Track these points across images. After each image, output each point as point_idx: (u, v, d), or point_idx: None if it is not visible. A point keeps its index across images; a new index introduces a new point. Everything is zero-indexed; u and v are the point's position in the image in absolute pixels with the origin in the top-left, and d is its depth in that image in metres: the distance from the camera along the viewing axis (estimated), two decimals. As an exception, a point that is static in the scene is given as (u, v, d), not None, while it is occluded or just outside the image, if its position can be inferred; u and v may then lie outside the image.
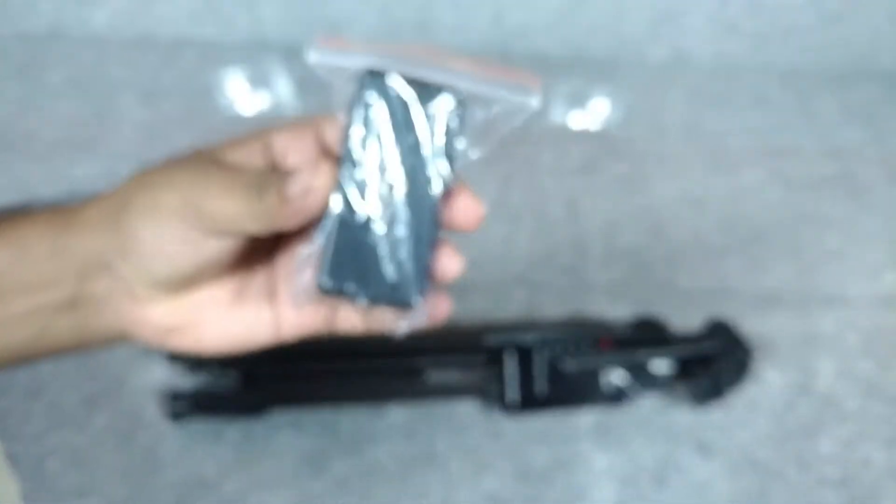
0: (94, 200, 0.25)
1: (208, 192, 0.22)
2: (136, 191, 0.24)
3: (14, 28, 0.96)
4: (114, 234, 0.24)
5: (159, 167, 0.24)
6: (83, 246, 0.24)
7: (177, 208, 0.23)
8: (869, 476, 0.57)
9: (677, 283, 0.71)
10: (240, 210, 0.22)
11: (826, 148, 0.91)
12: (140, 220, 0.23)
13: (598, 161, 0.86)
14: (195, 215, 0.22)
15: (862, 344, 0.67)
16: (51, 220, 0.24)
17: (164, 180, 0.23)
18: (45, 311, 0.24)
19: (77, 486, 0.52)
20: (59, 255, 0.24)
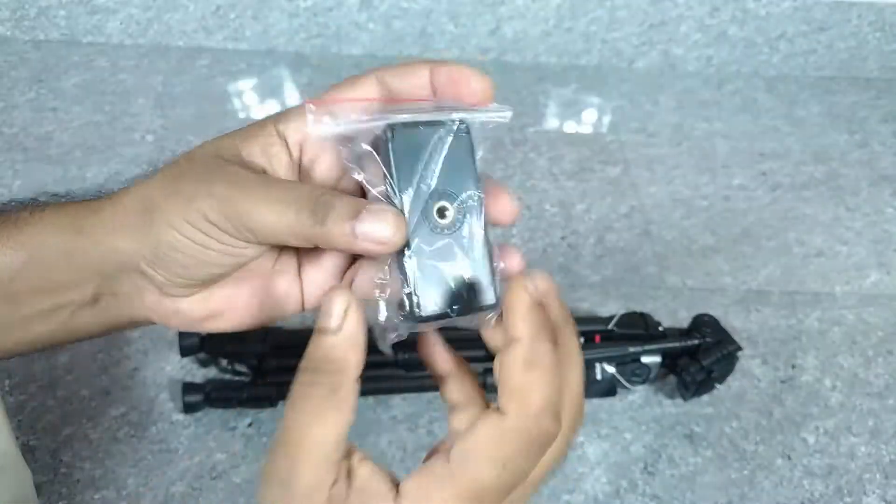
0: (111, 202, 0.23)
1: (253, 205, 0.21)
2: (167, 198, 0.22)
3: (30, 35, 0.99)
4: (142, 241, 0.22)
5: (185, 171, 0.22)
6: (104, 250, 0.23)
7: (216, 220, 0.21)
8: (854, 467, 0.59)
9: (667, 281, 0.74)
10: (290, 228, 0.21)
11: (811, 151, 0.94)
12: (173, 230, 0.21)
13: (591, 164, 0.89)
14: (235, 228, 0.21)
15: (847, 340, 0.69)
16: (66, 223, 0.23)
17: (200, 190, 0.21)
18: (66, 309, 0.24)
19: (91, 478, 0.54)
20: (78, 259, 0.23)
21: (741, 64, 1.05)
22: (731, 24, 1.01)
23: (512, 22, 1.00)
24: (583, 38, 1.02)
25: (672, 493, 0.56)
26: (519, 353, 0.20)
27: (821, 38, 1.03)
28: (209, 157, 0.22)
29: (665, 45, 1.03)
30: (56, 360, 0.61)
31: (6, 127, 0.86)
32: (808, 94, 1.03)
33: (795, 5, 1.00)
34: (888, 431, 0.62)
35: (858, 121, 0.99)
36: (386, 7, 0.98)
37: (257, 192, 0.21)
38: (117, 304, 0.24)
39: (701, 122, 0.96)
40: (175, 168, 0.23)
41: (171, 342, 0.62)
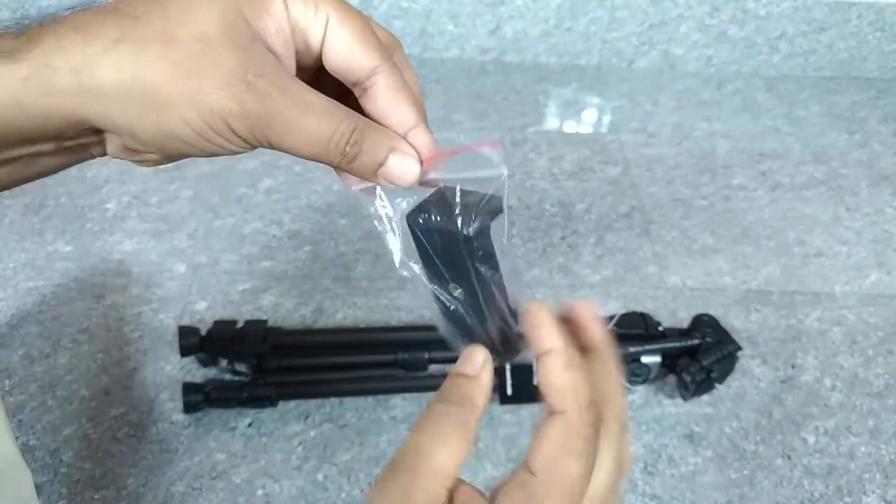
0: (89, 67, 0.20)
1: (286, 133, 0.20)
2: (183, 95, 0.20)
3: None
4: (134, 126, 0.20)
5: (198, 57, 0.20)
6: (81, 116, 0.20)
7: (242, 132, 0.20)
8: (854, 467, 0.59)
9: (667, 281, 0.74)
10: (316, 157, 0.21)
11: (811, 151, 0.94)
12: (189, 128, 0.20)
13: (591, 164, 0.89)
14: (259, 141, 0.21)
15: (847, 340, 0.69)
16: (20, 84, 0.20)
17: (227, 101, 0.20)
18: (23, 159, 0.22)
19: (91, 477, 0.54)
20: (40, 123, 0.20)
21: (741, 64, 1.05)
22: (731, 24, 1.01)
23: (512, 22, 1.00)
24: (583, 38, 1.02)
25: (672, 493, 0.56)
26: (558, 358, 0.22)
27: (821, 38, 1.03)
28: (228, 37, 0.20)
29: (665, 45, 1.03)
30: (56, 360, 0.61)
31: (6, 127, 0.85)
32: (808, 94, 1.03)
33: (795, 5, 1.00)
34: (888, 431, 0.62)
35: (858, 121, 0.99)
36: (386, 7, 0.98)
37: (291, 120, 0.20)
38: (81, 149, 0.23)
39: (701, 122, 0.96)
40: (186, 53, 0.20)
41: (171, 342, 0.62)
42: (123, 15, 0.20)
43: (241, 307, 0.67)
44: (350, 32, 0.21)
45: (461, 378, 0.23)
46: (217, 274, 0.70)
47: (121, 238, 0.74)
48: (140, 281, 0.69)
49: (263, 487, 0.54)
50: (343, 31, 0.21)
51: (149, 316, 0.66)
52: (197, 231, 0.75)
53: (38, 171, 0.23)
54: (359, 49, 0.22)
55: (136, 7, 0.20)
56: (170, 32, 0.20)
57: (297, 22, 0.21)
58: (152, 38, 0.20)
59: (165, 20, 0.20)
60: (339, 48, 0.22)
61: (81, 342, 0.63)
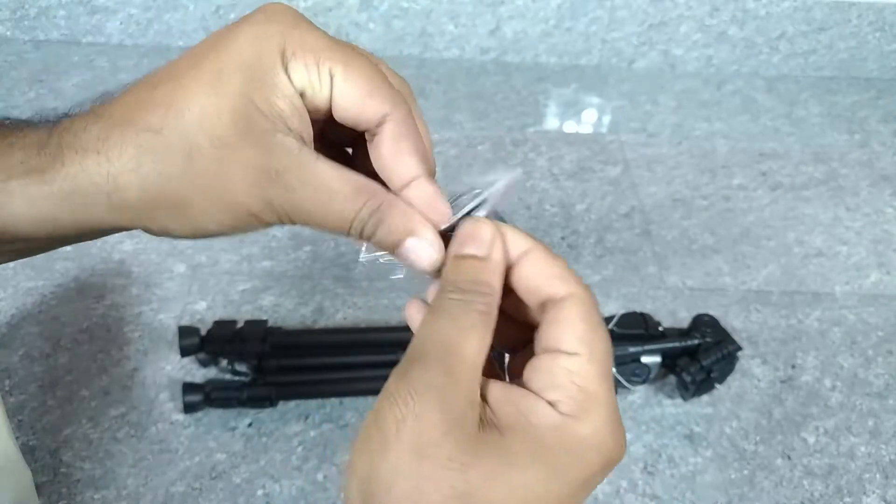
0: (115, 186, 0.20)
1: (310, 211, 0.20)
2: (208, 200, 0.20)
3: (30, 35, 0.99)
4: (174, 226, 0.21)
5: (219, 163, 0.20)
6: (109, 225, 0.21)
7: (268, 219, 0.21)
8: (854, 467, 0.59)
9: (667, 281, 0.74)
10: (338, 230, 0.21)
11: (811, 151, 0.94)
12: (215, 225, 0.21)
13: (591, 164, 0.89)
14: (283, 220, 0.21)
15: (847, 340, 0.69)
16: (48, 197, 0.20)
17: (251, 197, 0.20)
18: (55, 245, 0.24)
19: (91, 477, 0.54)
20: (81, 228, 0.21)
21: (741, 64, 1.05)
22: (731, 24, 1.01)
23: (512, 22, 1.00)
24: (583, 38, 1.02)
25: (672, 493, 0.56)
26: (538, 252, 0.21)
27: (821, 38, 1.03)
28: (245, 136, 0.20)
29: (665, 45, 1.03)
30: (56, 360, 0.62)
31: (6, 127, 0.86)
32: (808, 94, 1.03)
33: (795, 5, 1.00)
34: (888, 431, 0.62)
35: (858, 121, 0.99)
36: (386, 7, 0.99)
37: (315, 207, 0.21)
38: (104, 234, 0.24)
39: (701, 122, 0.96)
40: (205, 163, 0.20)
41: (171, 342, 0.62)
42: (140, 128, 0.20)
43: (241, 307, 0.67)
44: (357, 85, 0.21)
45: (471, 260, 0.21)
46: (217, 274, 0.70)
47: (121, 238, 0.74)
48: (140, 281, 0.69)
49: (263, 487, 0.54)
50: (350, 86, 0.21)
51: (149, 316, 0.66)
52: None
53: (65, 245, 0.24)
54: (367, 100, 0.21)
55: (152, 118, 0.20)
56: (189, 142, 0.20)
57: (302, 88, 0.21)
58: (173, 152, 0.20)
59: (184, 131, 0.20)
60: (346, 103, 0.21)
61: (81, 342, 0.63)
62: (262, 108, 0.20)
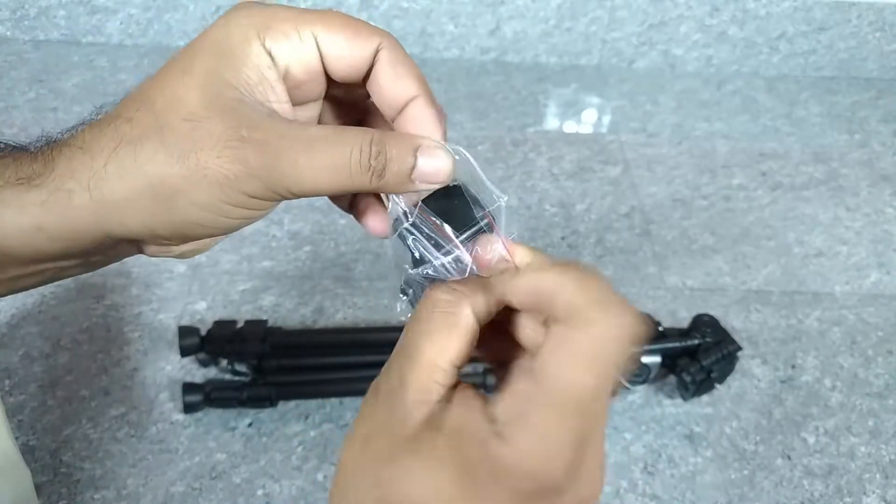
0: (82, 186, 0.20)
1: (301, 173, 0.19)
2: (191, 182, 0.19)
3: (30, 35, 0.99)
4: (155, 223, 0.20)
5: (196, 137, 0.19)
6: (90, 236, 0.21)
7: (257, 192, 0.20)
8: (854, 467, 0.59)
9: (667, 281, 0.74)
10: (343, 187, 0.20)
11: (811, 151, 0.94)
12: (205, 212, 0.20)
13: (591, 164, 0.89)
14: (278, 193, 0.20)
15: (847, 340, 0.69)
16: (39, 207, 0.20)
17: (233, 166, 0.19)
18: (50, 270, 0.23)
19: (91, 478, 0.54)
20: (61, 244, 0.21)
21: (741, 64, 1.05)
22: (731, 24, 1.01)
23: (512, 22, 1.00)
24: (583, 38, 1.02)
25: (672, 493, 0.56)
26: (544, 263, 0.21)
27: (821, 38, 1.03)
28: (213, 107, 0.19)
29: (665, 45, 1.03)
30: (56, 360, 0.62)
31: (6, 127, 0.86)
32: (808, 94, 1.03)
33: (795, 5, 1.00)
34: (888, 431, 0.62)
35: (858, 121, 0.99)
36: (386, 7, 0.99)
37: (300, 160, 0.19)
38: (110, 258, 0.24)
39: (701, 122, 0.96)
40: (176, 135, 0.19)
41: (171, 342, 0.62)
42: (120, 121, 0.20)
43: (241, 307, 0.67)
44: (340, 33, 0.21)
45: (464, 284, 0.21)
46: (217, 274, 0.70)
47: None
48: (140, 281, 0.69)
49: (263, 487, 0.54)
50: (333, 37, 0.21)
51: (149, 316, 0.66)
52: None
53: (68, 276, 0.24)
54: (354, 41, 0.21)
55: (130, 110, 0.21)
56: (160, 123, 0.20)
57: (289, 57, 0.21)
58: (145, 134, 0.20)
59: (154, 114, 0.20)
60: (337, 52, 0.21)
61: (81, 342, 0.63)
62: (230, 80, 0.20)
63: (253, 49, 0.20)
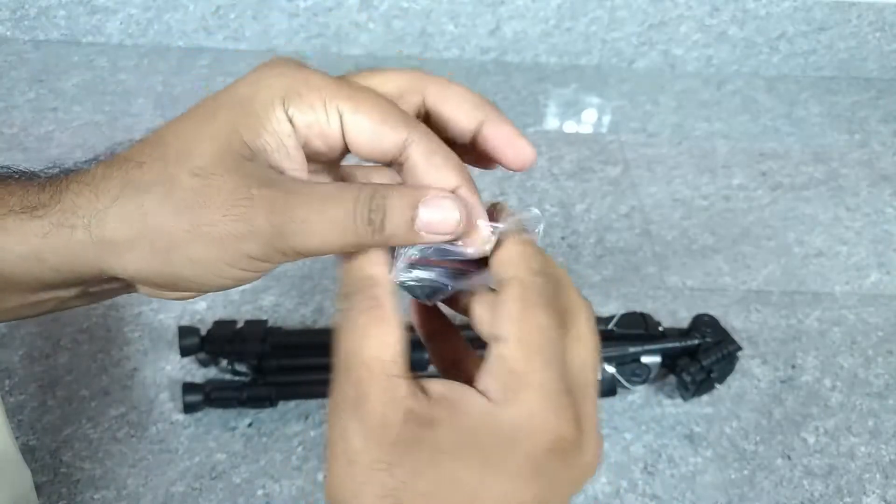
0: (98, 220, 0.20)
1: (305, 234, 0.19)
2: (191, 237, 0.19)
3: (30, 35, 0.99)
4: (153, 273, 0.20)
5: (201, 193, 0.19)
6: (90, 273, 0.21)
7: (260, 255, 0.20)
8: (854, 467, 0.59)
9: (667, 281, 0.74)
10: (347, 246, 0.20)
11: (811, 151, 0.94)
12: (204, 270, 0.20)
13: (591, 164, 0.89)
14: (282, 255, 0.20)
15: (847, 340, 0.69)
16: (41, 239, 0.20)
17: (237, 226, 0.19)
18: (50, 301, 0.23)
19: (91, 477, 0.54)
20: (62, 275, 0.21)
21: (741, 64, 1.05)
22: (731, 24, 1.01)
23: (512, 22, 1.00)
24: (583, 38, 1.02)
25: (672, 493, 0.56)
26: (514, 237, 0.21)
27: (821, 38, 1.03)
28: (225, 164, 0.19)
29: (665, 45, 1.04)
30: (56, 360, 0.62)
31: (6, 127, 0.86)
32: (808, 94, 1.03)
33: (795, 5, 1.00)
34: (888, 431, 0.62)
35: (858, 121, 0.99)
36: (386, 7, 0.99)
37: (310, 218, 0.19)
38: (108, 294, 0.24)
39: (701, 122, 0.96)
40: (184, 188, 0.19)
41: (171, 342, 0.62)
42: (130, 164, 0.20)
43: (241, 307, 0.67)
44: (368, 117, 0.20)
45: (349, 262, 0.21)
46: (217, 274, 0.70)
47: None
48: (140, 281, 0.69)
49: (263, 487, 0.54)
50: (361, 119, 0.20)
51: (149, 316, 0.66)
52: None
53: (69, 307, 0.24)
54: (380, 127, 0.20)
55: (142, 155, 0.21)
56: (169, 173, 0.20)
57: (310, 129, 0.20)
58: (153, 182, 0.20)
59: (165, 162, 0.20)
60: (362, 138, 0.21)
61: (81, 342, 0.63)
62: (247, 140, 0.20)
63: (276, 114, 0.20)
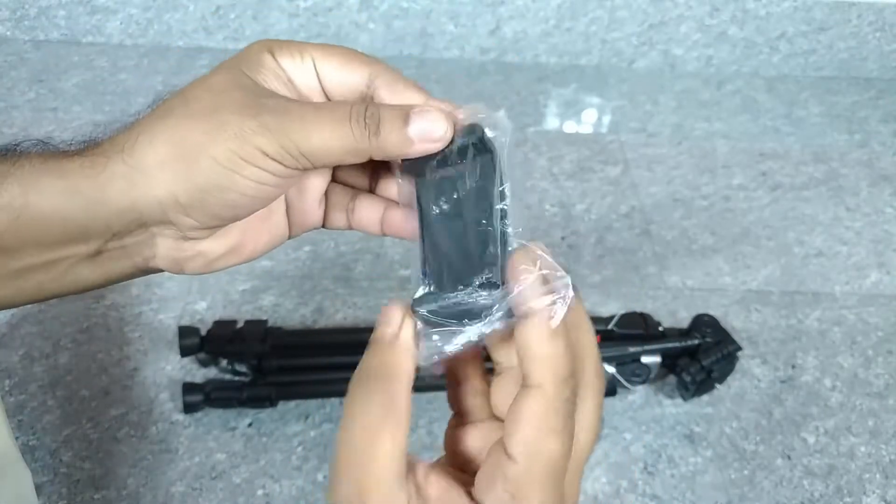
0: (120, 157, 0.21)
1: (309, 131, 0.21)
2: (212, 137, 0.21)
3: (30, 35, 0.99)
4: (179, 189, 0.21)
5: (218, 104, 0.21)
6: (116, 210, 0.22)
7: (274, 153, 0.21)
8: (854, 467, 0.59)
9: (667, 281, 0.74)
10: (347, 145, 0.22)
11: (811, 151, 0.94)
12: (227, 171, 0.21)
13: (591, 164, 0.89)
14: (293, 157, 0.21)
15: (847, 340, 0.69)
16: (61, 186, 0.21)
17: (248, 123, 0.21)
18: (63, 263, 0.23)
19: (91, 477, 0.54)
20: (78, 220, 0.21)
21: (741, 64, 1.05)
22: (731, 24, 1.01)
23: (512, 22, 1.00)
24: (583, 38, 1.02)
25: (672, 493, 0.56)
26: (542, 324, 0.20)
27: (821, 38, 1.03)
28: (234, 88, 0.22)
29: (665, 45, 1.04)
30: (56, 360, 0.62)
31: (6, 127, 0.86)
32: (808, 94, 1.03)
33: (795, 5, 1.00)
34: (888, 431, 0.62)
35: (858, 121, 0.99)
36: (386, 7, 0.99)
37: (307, 117, 0.22)
38: (124, 255, 0.23)
39: (701, 122, 0.96)
40: (201, 102, 0.22)
41: (171, 342, 0.62)
42: (155, 109, 0.23)
43: (241, 307, 0.67)
44: (335, 59, 0.24)
45: (378, 345, 0.21)
46: (217, 274, 0.70)
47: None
48: (140, 281, 0.69)
49: (263, 487, 0.54)
50: (329, 61, 0.24)
51: (149, 316, 0.66)
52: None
53: (74, 281, 0.23)
54: (349, 66, 0.23)
55: (164, 102, 0.23)
56: (185, 97, 0.23)
57: (289, 73, 0.23)
58: (173, 106, 0.23)
59: (182, 96, 0.23)
60: (332, 76, 0.24)
61: (81, 342, 0.63)
62: (250, 75, 0.23)
63: (267, 60, 0.23)
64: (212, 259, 0.24)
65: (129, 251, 0.23)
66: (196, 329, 0.58)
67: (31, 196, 0.21)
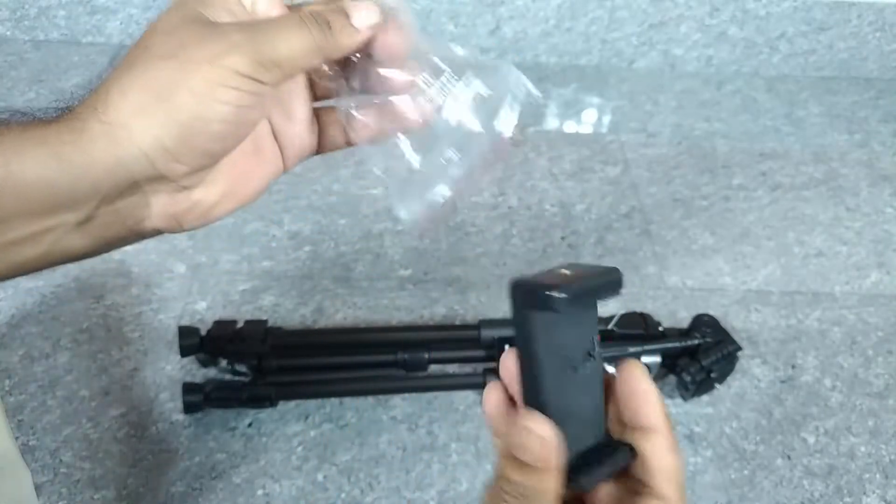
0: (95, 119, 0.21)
1: (274, 39, 0.22)
2: (184, 69, 0.21)
3: (30, 35, 0.99)
4: (162, 130, 0.21)
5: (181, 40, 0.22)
6: (103, 170, 0.21)
7: (246, 69, 0.22)
8: (854, 467, 0.59)
9: (667, 281, 0.74)
10: (310, 47, 0.23)
11: (811, 151, 0.94)
12: (206, 98, 0.21)
13: (591, 164, 0.89)
14: (266, 68, 0.22)
15: (847, 340, 0.69)
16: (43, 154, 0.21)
17: (217, 47, 0.22)
18: (55, 231, 0.22)
19: (91, 478, 0.54)
20: (64, 186, 0.21)
21: (741, 64, 1.05)
22: (731, 24, 1.01)
23: (512, 22, 1.00)
24: (583, 38, 1.02)
25: (672, 493, 0.56)
26: (664, 439, 0.22)
27: (821, 38, 1.03)
28: (190, 23, 0.23)
29: (665, 45, 1.04)
30: (56, 360, 0.62)
31: (6, 127, 0.86)
32: (808, 94, 1.03)
33: (795, 5, 1.00)
34: (888, 431, 0.62)
35: (858, 121, 0.99)
36: (386, 7, 0.98)
37: (269, 30, 0.23)
38: (117, 220, 0.23)
39: (701, 122, 0.96)
40: (164, 45, 0.22)
41: (171, 342, 0.62)
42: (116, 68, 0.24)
43: (241, 307, 0.67)
44: None
45: (531, 471, 0.20)
46: (217, 274, 0.70)
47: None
48: (140, 281, 0.69)
49: (263, 487, 0.54)
50: None
51: (149, 316, 0.66)
52: (197, 231, 0.75)
53: (65, 250, 0.23)
54: None
55: (125, 57, 0.24)
56: (146, 44, 0.23)
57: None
58: (136, 55, 0.23)
59: (142, 45, 0.23)
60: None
61: (81, 342, 0.63)
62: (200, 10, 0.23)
63: None
64: (208, 207, 0.24)
65: (121, 215, 0.23)
66: (196, 329, 0.58)
67: (14, 165, 0.21)
